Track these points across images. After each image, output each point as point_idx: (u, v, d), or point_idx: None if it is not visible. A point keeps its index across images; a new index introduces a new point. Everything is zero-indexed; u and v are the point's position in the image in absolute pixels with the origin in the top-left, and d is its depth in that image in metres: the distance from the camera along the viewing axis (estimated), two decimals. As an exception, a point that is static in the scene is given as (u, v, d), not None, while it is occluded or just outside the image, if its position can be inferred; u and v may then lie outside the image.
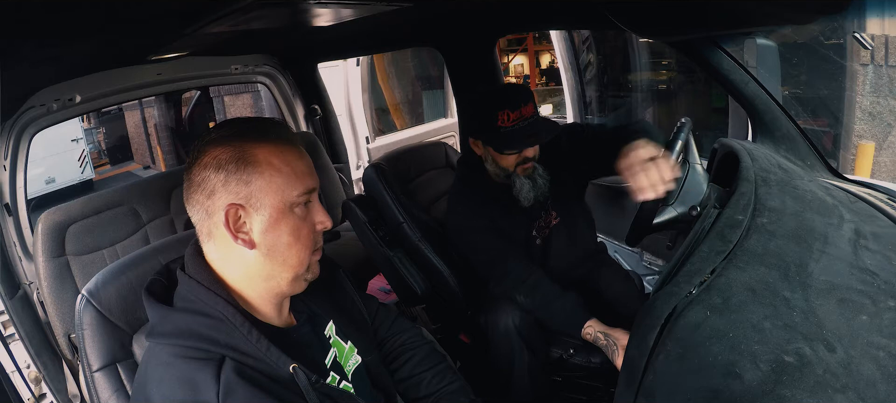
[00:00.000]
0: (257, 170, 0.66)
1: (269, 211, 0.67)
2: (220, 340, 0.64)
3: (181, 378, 0.61)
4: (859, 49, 3.10)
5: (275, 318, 0.73)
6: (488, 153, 1.34)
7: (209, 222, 0.67)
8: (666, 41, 1.72)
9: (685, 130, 1.13)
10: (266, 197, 0.66)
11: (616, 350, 1.16)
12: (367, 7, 1.21)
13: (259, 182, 0.66)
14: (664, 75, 4.29)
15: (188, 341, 0.64)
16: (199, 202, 0.67)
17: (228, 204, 0.65)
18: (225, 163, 0.65)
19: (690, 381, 0.63)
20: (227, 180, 0.65)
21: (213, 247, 0.69)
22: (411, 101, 5.48)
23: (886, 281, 0.74)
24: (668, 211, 1.12)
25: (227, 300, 0.66)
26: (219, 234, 0.67)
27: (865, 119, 3.25)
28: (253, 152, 0.66)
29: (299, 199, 0.68)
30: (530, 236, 1.41)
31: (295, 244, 0.69)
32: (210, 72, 2.20)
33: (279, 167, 0.67)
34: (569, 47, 3.15)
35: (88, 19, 0.88)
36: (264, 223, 0.67)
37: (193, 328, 0.65)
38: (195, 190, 0.67)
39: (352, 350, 0.83)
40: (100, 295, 0.84)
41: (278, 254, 0.68)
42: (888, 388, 0.57)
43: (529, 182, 1.32)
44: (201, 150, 0.67)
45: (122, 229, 1.77)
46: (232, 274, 0.69)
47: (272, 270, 0.69)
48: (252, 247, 0.67)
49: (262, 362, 0.65)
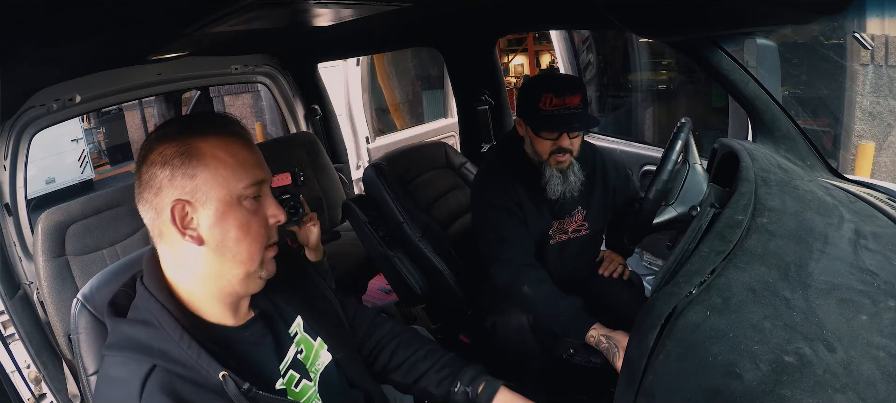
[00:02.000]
0: (202, 162, 0.64)
1: (215, 204, 0.65)
2: (154, 347, 0.63)
3: (115, 391, 0.62)
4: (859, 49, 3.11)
5: (229, 319, 0.72)
6: (528, 134, 1.35)
7: (158, 221, 0.66)
8: (666, 41, 1.72)
9: (685, 130, 1.13)
10: (212, 190, 0.64)
11: (617, 352, 1.16)
12: (367, 7, 1.21)
13: (204, 175, 0.64)
14: (664, 75, 4.29)
15: (126, 352, 0.64)
16: (148, 201, 0.66)
17: (174, 200, 0.64)
18: (170, 158, 0.64)
19: (690, 381, 0.63)
20: (172, 175, 0.64)
21: (165, 248, 0.68)
22: (411, 101, 5.49)
23: (886, 281, 0.74)
24: (668, 211, 1.12)
25: (163, 304, 0.65)
26: (167, 233, 0.66)
27: (865, 119, 3.25)
28: (198, 146, 0.64)
29: (247, 192, 0.67)
30: (547, 234, 1.40)
31: (244, 238, 0.67)
32: (210, 73, 2.20)
33: (224, 159, 0.65)
34: (569, 47, 3.15)
35: (88, 19, 0.88)
36: (211, 217, 0.65)
37: (133, 337, 0.64)
38: (144, 189, 0.66)
39: (321, 346, 0.82)
40: (94, 299, 0.84)
41: (227, 250, 0.66)
42: (888, 388, 0.57)
43: (560, 176, 1.32)
44: (148, 148, 0.66)
45: (122, 229, 1.76)
46: (183, 275, 0.68)
47: (222, 267, 0.67)
48: (200, 244, 0.65)
49: (193, 369, 0.63)
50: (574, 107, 1.25)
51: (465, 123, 2.36)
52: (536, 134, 1.31)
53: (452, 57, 2.25)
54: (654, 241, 2.29)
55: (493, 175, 1.42)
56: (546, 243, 1.41)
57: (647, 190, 1.15)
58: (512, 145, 1.41)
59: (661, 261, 2.28)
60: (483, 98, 2.21)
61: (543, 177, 1.33)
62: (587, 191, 1.42)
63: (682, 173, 1.12)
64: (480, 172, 1.52)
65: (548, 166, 1.32)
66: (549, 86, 1.26)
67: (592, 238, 1.47)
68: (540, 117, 1.27)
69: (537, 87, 1.28)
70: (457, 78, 2.29)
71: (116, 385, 0.63)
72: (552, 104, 1.25)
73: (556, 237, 1.42)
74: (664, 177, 1.12)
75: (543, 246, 1.41)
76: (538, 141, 1.32)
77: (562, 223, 1.42)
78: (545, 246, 1.41)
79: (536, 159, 1.34)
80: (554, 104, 1.25)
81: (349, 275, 2.01)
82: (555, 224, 1.41)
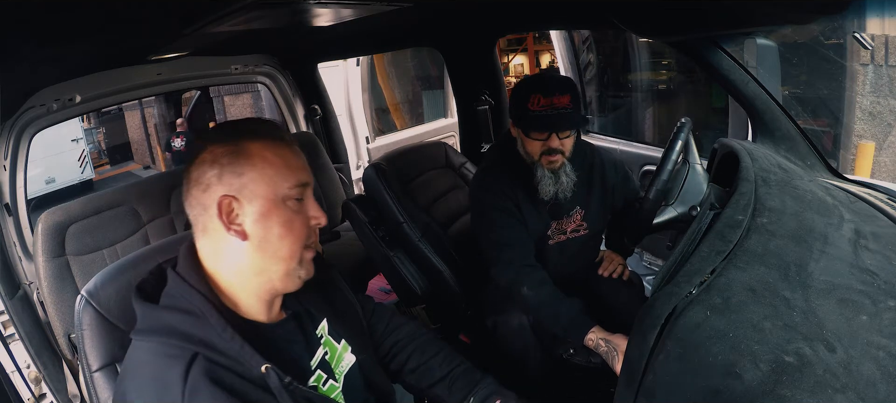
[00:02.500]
0: (250, 162, 0.68)
1: (261, 201, 0.68)
2: (195, 336, 0.64)
3: (154, 375, 0.62)
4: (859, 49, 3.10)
5: (263, 316, 0.74)
6: (519, 135, 1.35)
7: (204, 216, 0.69)
8: (666, 41, 1.72)
9: (685, 130, 1.13)
10: (258, 187, 0.68)
11: (616, 356, 1.15)
12: (367, 7, 1.21)
13: (251, 173, 0.68)
14: (664, 75, 4.29)
15: (164, 338, 0.65)
16: (196, 197, 0.69)
17: (222, 196, 0.67)
18: (220, 156, 0.68)
19: (690, 381, 0.63)
20: (221, 173, 0.67)
21: (206, 243, 0.70)
22: (411, 101, 5.49)
23: (886, 281, 0.74)
24: (668, 211, 1.13)
25: (205, 295, 0.67)
26: (212, 228, 0.69)
27: (865, 119, 3.25)
28: (247, 146, 0.68)
29: (291, 192, 0.70)
30: (546, 235, 1.40)
31: (286, 236, 0.69)
32: (210, 72, 2.20)
33: (271, 160, 0.69)
34: (569, 47, 3.15)
35: (88, 19, 0.88)
36: (256, 214, 0.68)
37: (171, 324, 0.66)
38: (192, 186, 0.69)
39: (345, 348, 0.83)
40: (99, 295, 0.84)
41: (270, 246, 0.69)
42: (888, 388, 0.57)
43: (552, 176, 1.32)
44: (200, 148, 0.69)
45: (122, 229, 1.76)
46: (223, 270, 0.70)
47: (263, 263, 0.70)
48: (244, 239, 0.68)
49: (235, 360, 0.65)
50: (562, 107, 1.25)
51: (465, 123, 2.36)
52: (526, 134, 1.31)
53: (452, 57, 2.25)
54: (654, 241, 2.29)
55: (490, 176, 1.42)
56: (545, 244, 1.41)
57: (647, 190, 1.15)
58: (508, 146, 1.42)
59: (661, 261, 2.29)
60: (483, 98, 2.21)
61: (535, 177, 1.33)
62: (585, 191, 1.42)
63: (682, 173, 1.12)
64: (478, 174, 1.52)
65: (539, 167, 1.32)
66: (537, 87, 1.27)
67: (592, 238, 1.47)
68: (528, 117, 1.27)
69: (526, 88, 1.29)
70: (457, 78, 2.29)
71: (154, 370, 0.63)
72: (540, 104, 1.25)
73: (555, 237, 1.42)
74: (664, 177, 1.12)
75: (543, 247, 1.40)
76: (528, 142, 1.32)
77: (560, 223, 1.42)
78: (544, 246, 1.41)
79: (528, 160, 1.35)
80: (542, 104, 1.25)
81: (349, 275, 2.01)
82: (553, 224, 1.41)
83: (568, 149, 1.31)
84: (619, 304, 1.43)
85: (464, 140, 2.38)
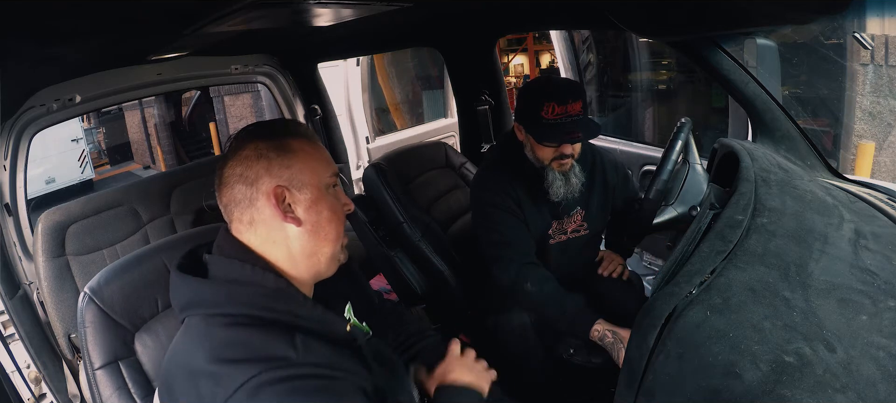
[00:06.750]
0: (295, 155, 0.73)
1: (310, 190, 0.74)
2: (279, 308, 0.68)
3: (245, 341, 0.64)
4: (859, 49, 3.10)
5: None
6: (529, 140, 1.34)
7: (252, 209, 0.72)
8: (666, 41, 1.72)
9: (685, 130, 1.13)
10: (306, 177, 0.73)
11: (621, 348, 1.16)
12: (367, 7, 1.21)
13: (298, 165, 0.73)
14: (664, 75, 4.29)
15: (246, 309, 0.67)
16: (241, 192, 0.72)
17: (274, 186, 0.71)
18: (266, 151, 0.72)
19: (690, 381, 0.63)
20: (269, 166, 0.72)
21: (253, 234, 0.73)
22: (411, 101, 5.49)
23: (886, 281, 0.74)
24: (668, 211, 1.13)
25: (277, 275, 0.72)
26: (261, 219, 0.72)
27: (865, 119, 3.25)
28: (289, 142, 0.74)
29: (330, 180, 0.77)
30: (546, 235, 1.40)
31: (333, 219, 0.76)
32: (210, 72, 2.19)
33: (312, 153, 0.75)
34: (569, 47, 3.15)
35: (88, 19, 0.88)
36: (308, 201, 0.73)
37: (251, 298, 0.68)
38: (236, 180, 0.72)
39: (368, 330, 0.87)
40: (102, 292, 0.84)
41: (321, 229, 0.74)
42: (888, 388, 0.57)
43: (563, 178, 1.32)
44: (240, 146, 0.73)
45: (122, 229, 1.76)
46: (275, 257, 0.74)
47: (315, 246, 0.75)
48: (299, 224, 0.73)
49: (322, 323, 0.71)
50: (576, 115, 1.25)
51: (465, 123, 2.36)
52: (539, 142, 1.30)
53: (452, 57, 2.25)
54: (654, 241, 2.29)
55: (491, 176, 1.42)
56: (546, 243, 1.41)
57: (647, 190, 1.15)
58: (510, 147, 1.41)
59: (661, 261, 2.29)
60: (483, 98, 2.21)
61: (546, 180, 1.32)
62: (586, 191, 1.42)
63: (682, 173, 1.13)
64: (479, 173, 1.51)
65: (550, 170, 1.32)
66: (550, 94, 1.25)
67: (592, 238, 1.47)
68: (542, 126, 1.26)
69: (538, 94, 1.27)
70: (457, 78, 2.29)
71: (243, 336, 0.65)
72: (555, 113, 1.24)
73: (555, 237, 1.42)
74: (664, 177, 1.12)
75: (543, 247, 1.41)
76: (540, 148, 1.31)
77: (561, 223, 1.42)
78: (545, 246, 1.41)
79: (538, 164, 1.34)
80: (556, 113, 1.24)
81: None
82: (554, 224, 1.41)
83: (577, 152, 1.32)
84: (618, 304, 1.43)
85: (464, 140, 2.38)
